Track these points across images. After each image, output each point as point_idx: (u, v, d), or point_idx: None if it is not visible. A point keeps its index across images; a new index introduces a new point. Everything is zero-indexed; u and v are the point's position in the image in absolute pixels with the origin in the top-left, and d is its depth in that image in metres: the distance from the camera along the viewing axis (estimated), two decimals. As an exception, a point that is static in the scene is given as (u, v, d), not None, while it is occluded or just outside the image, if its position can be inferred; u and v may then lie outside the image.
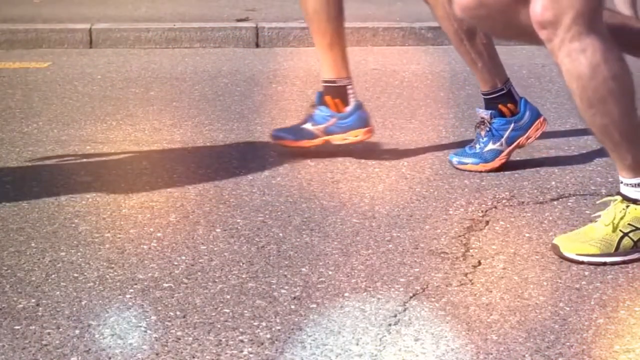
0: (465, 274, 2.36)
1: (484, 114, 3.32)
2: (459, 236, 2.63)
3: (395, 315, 2.12)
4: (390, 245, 2.55)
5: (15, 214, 2.81)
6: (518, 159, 3.38)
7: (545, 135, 3.70)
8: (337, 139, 3.40)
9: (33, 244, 2.56)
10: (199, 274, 2.36)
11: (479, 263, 2.44)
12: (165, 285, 2.29)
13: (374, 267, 2.40)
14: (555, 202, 2.93)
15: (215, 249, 2.53)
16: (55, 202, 2.91)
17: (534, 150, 3.51)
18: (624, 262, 2.43)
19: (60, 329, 2.05)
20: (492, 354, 1.95)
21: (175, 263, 2.43)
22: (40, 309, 2.15)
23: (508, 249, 2.53)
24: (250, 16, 6.61)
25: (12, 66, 5.38)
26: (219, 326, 2.07)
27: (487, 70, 3.31)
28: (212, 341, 2.00)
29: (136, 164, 3.31)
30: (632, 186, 2.47)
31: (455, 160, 3.29)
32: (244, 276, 2.35)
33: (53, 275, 2.34)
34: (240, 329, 2.05)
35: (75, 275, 2.35)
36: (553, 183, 3.12)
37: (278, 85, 4.77)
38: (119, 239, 2.60)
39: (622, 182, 2.49)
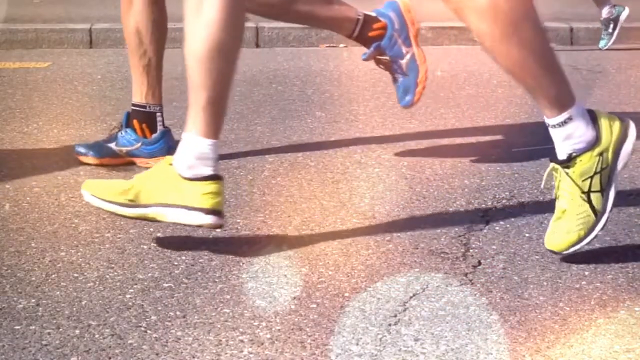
0: (465, 274, 2.36)
1: (373, 52, 3.27)
2: (459, 236, 2.63)
3: (395, 315, 2.12)
4: (390, 245, 2.55)
5: (15, 214, 2.80)
6: (518, 158, 3.38)
7: (546, 135, 3.70)
8: (140, 162, 3.31)
9: (33, 244, 2.56)
10: (199, 274, 2.36)
11: (479, 263, 2.44)
12: (165, 285, 2.29)
13: (374, 267, 2.40)
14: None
15: (215, 249, 2.53)
16: (55, 202, 2.91)
17: (534, 150, 3.51)
18: (609, 214, 2.39)
19: (60, 329, 2.05)
20: (492, 354, 1.95)
21: (175, 263, 2.43)
22: (40, 309, 2.15)
23: (508, 249, 2.53)
24: (250, 16, 6.60)
25: (12, 66, 5.38)
26: (219, 326, 2.07)
27: (338, 15, 3.27)
28: (212, 341, 2.00)
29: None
30: (559, 125, 2.38)
31: (407, 100, 3.26)
32: (244, 276, 2.35)
33: (53, 275, 2.34)
34: (240, 329, 2.05)
35: (75, 275, 2.35)
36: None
37: (278, 85, 4.77)
38: (119, 239, 2.59)
39: (549, 125, 2.40)
